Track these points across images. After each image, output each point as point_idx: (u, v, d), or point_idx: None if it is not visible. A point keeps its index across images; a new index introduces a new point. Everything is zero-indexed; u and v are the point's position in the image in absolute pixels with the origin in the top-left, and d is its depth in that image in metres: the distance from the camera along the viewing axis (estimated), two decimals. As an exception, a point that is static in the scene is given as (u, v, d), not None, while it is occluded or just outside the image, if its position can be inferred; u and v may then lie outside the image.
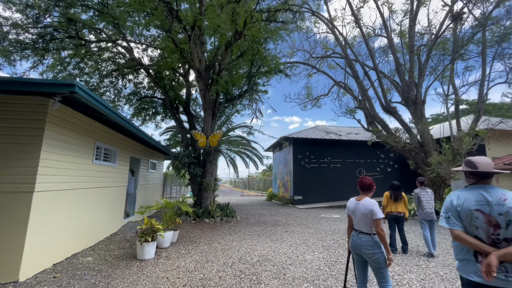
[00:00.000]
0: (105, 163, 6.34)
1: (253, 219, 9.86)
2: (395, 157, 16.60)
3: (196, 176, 9.55)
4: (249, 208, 13.93)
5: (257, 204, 16.21)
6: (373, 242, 2.56)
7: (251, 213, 11.63)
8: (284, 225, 8.58)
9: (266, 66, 10.21)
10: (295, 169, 15.71)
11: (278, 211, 12.68)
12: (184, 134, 10.39)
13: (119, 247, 5.49)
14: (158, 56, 11.21)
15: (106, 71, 12.19)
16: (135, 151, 8.67)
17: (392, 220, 5.57)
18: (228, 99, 10.20)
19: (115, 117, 4.90)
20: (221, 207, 9.80)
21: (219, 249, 5.45)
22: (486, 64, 10.67)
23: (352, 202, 2.85)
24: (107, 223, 6.44)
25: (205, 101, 9.41)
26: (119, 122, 5.25)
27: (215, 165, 9.86)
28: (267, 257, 4.89)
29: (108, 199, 6.52)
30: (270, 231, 7.57)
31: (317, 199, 15.38)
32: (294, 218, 10.36)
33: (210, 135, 9.51)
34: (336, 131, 18.24)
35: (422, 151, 10.04)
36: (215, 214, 8.99)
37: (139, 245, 4.62)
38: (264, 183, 33.59)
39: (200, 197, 9.56)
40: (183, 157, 9.42)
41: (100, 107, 4.28)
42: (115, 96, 12.98)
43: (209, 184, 9.51)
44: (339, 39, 12.54)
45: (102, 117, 5.48)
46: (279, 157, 19.92)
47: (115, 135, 6.78)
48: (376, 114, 11.51)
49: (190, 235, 6.70)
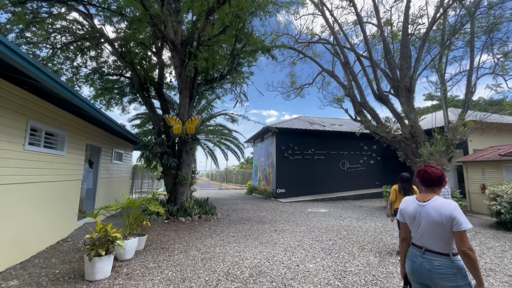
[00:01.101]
0: (47, 151, 4.86)
1: (236, 216, 8.82)
2: (378, 149, 16.42)
3: (170, 168, 8.23)
4: (230, 203, 12.86)
5: (238, 198, 15.18)
6: (454, 269, 1.62)
7: (232, 209, 10.57)
8: (271, 223, 7.65)
9: (252, 45, 9.02)
10: (278, 161, 14.86)
11: (261, 205, 11.76)
12: (156, 120, 8.94)
13: (63, 260, 4.14)
14: (125, 27, 9.51)
15: (61, 44, 10.20)
16: (93, 137, 7.13)
17: (402, 218, 4.84)
18: (208, 80, 8.87)
19: (52, 83, 3.50)
20: (199, 203, 8.61)
21: (198, 259, 4.33)
22: (474, 54, 10.45)
23: (411, 203, 1.88)
24: (51, 227, 5.00)
25: (181, 80, 8.03)
26: (59, 92, 3.83)
27: (192, 156, 8.59)
28: (261, 269, 3.88)
29: (52, 196, 5.06)
30: (257, 230, 6.58)
31: (301, 192, 14.72)
32: (280, 213, 9.49)
33: (187, 120, 8.20)
34: (320, 122, 17.64)
35: (413, 142, 9.62)
36: (192, 212, 7.80)
37: (87, 261, 3.35)
38: (243, 176, 32.63)
39: (175, 192, 8.28)
40: (154, 146, 8.03)
41: (21, 63, 2.88)
42: (73, 75, 11.02)
43: (186, 177, 8.25)
44: (329, 22, 11.67)
45: (38, 87, 4.02)
46: (260, 149, 18.97)
47: (62, 114, 5.27)
48: (366, 103, 10.89)
49: (161, 240, 5.48)
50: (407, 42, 9.68)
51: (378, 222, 7.76)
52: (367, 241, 5.62)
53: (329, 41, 13.58)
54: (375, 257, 4.51)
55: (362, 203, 12.50)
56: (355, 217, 8.79)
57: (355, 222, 7.86)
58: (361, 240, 5.74)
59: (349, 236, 6.10)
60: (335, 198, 13.93)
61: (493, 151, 10.67)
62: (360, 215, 9.07)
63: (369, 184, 15.91)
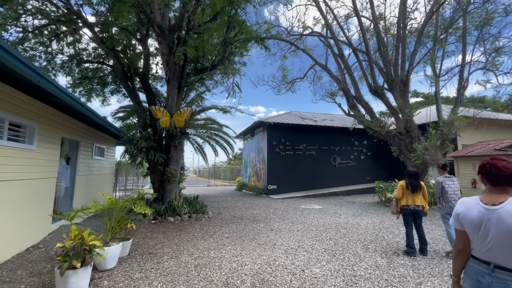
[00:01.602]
0: (12, 144, 4.18)
1: (228, 214, 8.37)
2: (369, 145, 16.42)
3: (157, 164, 7.63)
4: (220, 200, 12.38)
5: (228, 195, 14.72)
6: None
7: (223, 206, 10.11)
8: (265, 221, 7.27)
9: (245, 33, 8.49)
10: (270, 157, 14.49)
11: (253, 202, 11.37)
12: (142, 112, 8.25)
13: (32, 272, 3.55)
14: (106, 10, 8.67)
15: (33, 27, 9.20)
16: (70, 130, 6.42)
17: (409, 216, 4.58)
18: (198, 69, 8.26)
19: (5, 55, 2.87)
20: (188, 201, 8.08)
21: (191, 266, 3.86)
22: (466, 49, 10.44)
23: (473, 206, 1.49)
24: (18, 232, 4.35)
25: (169, 69, 7.40)
26: (18, 70, 3.20)
27: (181, 151, 8.02)
28: (263, 277, 3.46)
29: (19, 196, 4.39)
30: (253, 230, 6.17)
31: (292, 188, 14.47)
32: (274, 211, 9.14)
33: (176, 113, 7.61)
34: (311, 117, 17.39)
35: (408, 137, 9.51)
36: (181, 211, 7.27)
37: (58, 275, 2.81)
38: (231, 172, 32.11)
39: (163, 190, 7.70)
40: (140, 141, 7.40)
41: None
42: (47, 62, 10.02)
43: (174, 173, 7.68)
44: (323, 12, 11.30)
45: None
46: (250, 145, 18.51)
47: (31, 102, 4.58)
48: (361, 96, 10.67)
49: (149, 243, 4.95)
50: (403, 36, 9.48)
51: (374, 219, 7.56)
52: (369, 240, 5.35)
53: (322, 34, 13.25)
54: (382, 258, 4.22)
55: (354, 199, 12.40)
56: (351, 213, 8.58)
57: (351, 219, 7.63)
58: (363, 238, 5.46)
59: (349, 234, 5.82)
60: (326, 194, 13.77)
61: (483, 146, 10.79)
62: (355, 211, 8.88)
63: (360, 179, 15.90)
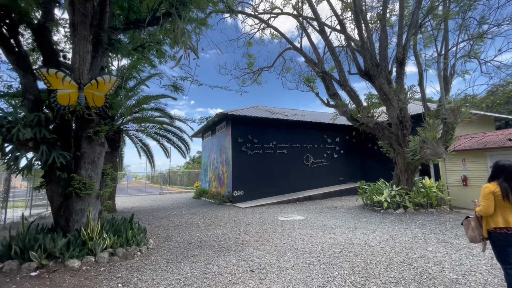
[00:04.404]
0: None
1: (179, 239, 5.68)
2: (341, 142, 15.13)
3: (55, 169, 4.57)
4: (172, 214, 9.46)
5: (183, 206, 11.80)
6: None
7: (174, 225, 7.31)
8: (237, 249, 4.81)
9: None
10: (235, 157, 12.03)
11: (216, 215, 8.77)
12: (31, 83, 5.03)
13: None
14: None
15: None
16: None
17: (509, 246, 2.57)
18: (131, 21, 5.39)
19: None
20: (115, 225, 5.16)
21: None
22: (448, 35, 9.55)
23: None
24: None
25: (76, 10, 4.46)
26: None
27: (100, 146, 5.04)
28: None
29: None
30: (221, 274, 3.65)
31: (262, 193, 12.23)
32: (245, 228, 6.72)
33: (89, 83, 4.68)
34: (281, 112, 15.45)
35: (401, 128, 8.03)
36: (97, 246, 4.34)
37: None
38: (188, 177, 28.67)
39: (68, 211, 4.65)
40: (20, 129, 4.27)
41: None
42: None
43: (88, 183, 4.69)
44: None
45: None
46: (211, 143, 15.79)
47: None
48: (346, 81, 8.95)
49: None
50: (402, 3, 7.90)
51: (383, 234, 5.68)
52: (409, 279, 3.31)
53: (298, 13, 11.32)
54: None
55: (334, 203, 10.69)
56: (344, 225, 6.64)
57: (351, 235, 5.65)
58: (398, 277, 3.40)
59: (372, 269, 3.72)
60: (301, 198, 11.86)
61: (467, 140, 10.02)
62: (347, 222, 7.00)
63: (334, 180, 14.46)
